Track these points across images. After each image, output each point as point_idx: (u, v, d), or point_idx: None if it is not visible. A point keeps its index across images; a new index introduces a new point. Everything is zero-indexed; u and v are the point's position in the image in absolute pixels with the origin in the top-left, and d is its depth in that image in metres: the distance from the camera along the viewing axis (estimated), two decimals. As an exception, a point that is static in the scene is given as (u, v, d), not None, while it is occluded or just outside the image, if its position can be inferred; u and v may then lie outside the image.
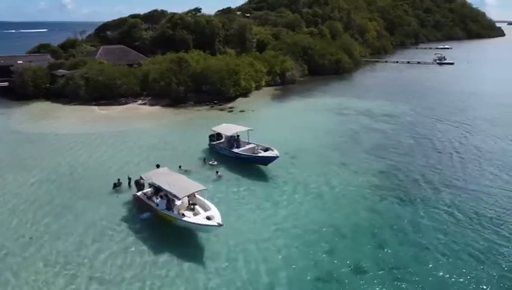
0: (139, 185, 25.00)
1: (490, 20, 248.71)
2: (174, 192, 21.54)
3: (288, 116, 47.19)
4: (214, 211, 21.16)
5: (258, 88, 61.69)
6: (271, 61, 68.30)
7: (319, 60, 79.08)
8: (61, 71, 58.29)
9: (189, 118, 46.75)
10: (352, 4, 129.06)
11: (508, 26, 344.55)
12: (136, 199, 24.59)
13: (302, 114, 48.55)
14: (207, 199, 22.94)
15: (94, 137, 38.82)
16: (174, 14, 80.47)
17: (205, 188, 23.06)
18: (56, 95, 55.44)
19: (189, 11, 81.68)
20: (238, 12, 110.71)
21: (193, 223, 20.52)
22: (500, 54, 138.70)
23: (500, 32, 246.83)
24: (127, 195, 25.86)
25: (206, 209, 21.83)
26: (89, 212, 23.74)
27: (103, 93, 53.06)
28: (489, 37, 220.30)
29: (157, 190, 23.50)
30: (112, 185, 26.70)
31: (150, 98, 54.74)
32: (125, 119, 45.82)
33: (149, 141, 37.48)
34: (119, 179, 26.93)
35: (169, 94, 53.06)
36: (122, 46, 71.68)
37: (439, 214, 23.39)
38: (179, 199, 21.84)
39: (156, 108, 51.48)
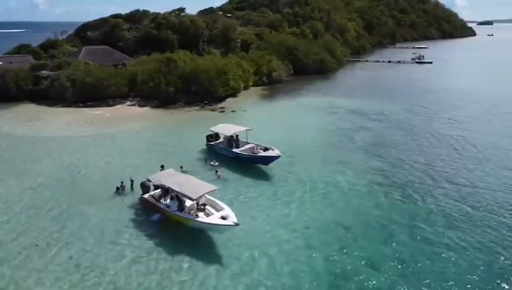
0: (145, 187, 24.55)
1: (462, 20, 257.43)
2: (186, 193, 21.29)
3: (280, 116, 47.36)
4: (228, 211, 21.03)
5: (245, 88, 61.85)
6: (258, 61, 68.49)
7: (303, 60, 79.78)
8: (44, 72, 56.76)
9: (182, 119, 46.38)
10: (331, 4, 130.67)
11: (478, 26, 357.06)
12: (143, 201, 24.19)
13: (293, 113, 48.84)
14: (217, 200, 22.83)
15: (89, 139, 38.09)
16: (158, 14, 79.57)
17: (217, 188, 22.93)
18: (40, 96, 54.05)
19: (173, 11, 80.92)
20: (219, 13, 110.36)
21: (209, 223, 20.33)
22: (474, 52, 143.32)
23: (471, 32, 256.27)
24: (131, 198, 25.41)
25: (218, 209, 21.70)
26: (96, 217, 23.14)
27: (91, 94, 51.96)
28: (462, 36, 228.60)
29: (166, 191, 23.25)
30: (115, 189, 26.10)
31: (138, 99, 53.96)
32: (118, 121, 45.01)
33: (145, 142, 37.01)
34: (122, 182, 26.34)
35: (159, 95, 52.40)
36: (105, 46, 70.36)
37: (442, 210, 23.93)
38: (193, 200, 21.56)
39: (146, 109, 50.83)
